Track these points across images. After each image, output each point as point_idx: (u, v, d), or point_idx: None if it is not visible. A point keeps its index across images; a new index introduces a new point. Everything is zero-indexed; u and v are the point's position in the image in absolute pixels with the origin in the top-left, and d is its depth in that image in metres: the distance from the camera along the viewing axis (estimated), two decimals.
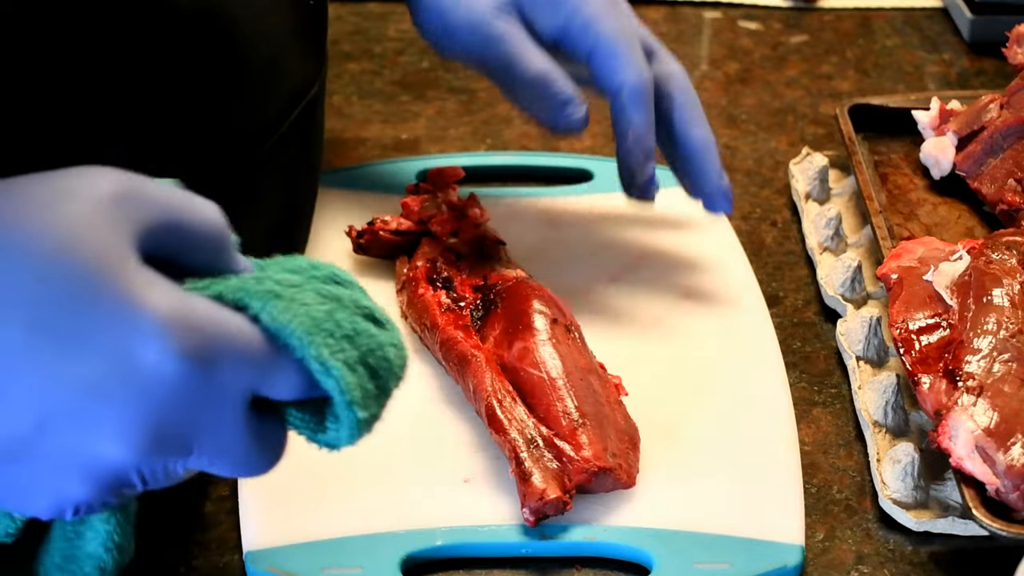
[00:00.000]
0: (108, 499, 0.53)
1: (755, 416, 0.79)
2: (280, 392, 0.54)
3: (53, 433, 0.50)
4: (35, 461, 0.50)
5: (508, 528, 0.72)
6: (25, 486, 0.52)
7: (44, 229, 0.50)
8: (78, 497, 0.52)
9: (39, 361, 0.49)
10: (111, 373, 0.49)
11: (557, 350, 0.76)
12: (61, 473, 0.51)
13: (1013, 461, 0.69)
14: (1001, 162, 0.93)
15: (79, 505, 0.53)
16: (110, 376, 0.49)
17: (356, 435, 0.55)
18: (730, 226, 0.95)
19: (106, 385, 0.49)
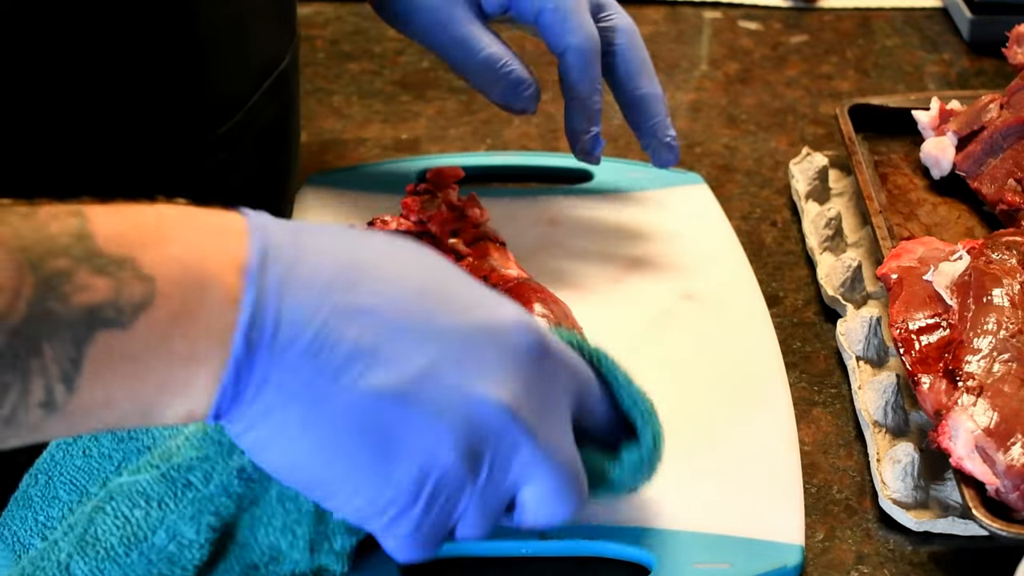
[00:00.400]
0: (462, 475, 0.58)
1: (755, 416, 0.79)
2: (594, 414, 0.64)
3: (440, 372, 0.57)
4: (422, 402, 0.57)
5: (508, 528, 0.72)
6: (403, 435, 0.57)
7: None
8: (445, 456, 0.57)
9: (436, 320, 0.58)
10: (488, 334, 0.59)
11: None
12: (440, 418, 0.57)
13: (1013, 461, 0.69)
14: (1001, 162, 0.93)
15: (443, 473, 0.57)
16: (487, 336, 0.59)
17: (637, 480, 0.65)
18: (730, 226, 0.95)
19: (484, 341, 0.58)
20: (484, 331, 0.59)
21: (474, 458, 0.58)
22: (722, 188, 1.00)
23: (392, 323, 0.57)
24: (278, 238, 0.56)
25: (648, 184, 0.98)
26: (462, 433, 0.58)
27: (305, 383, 0.55)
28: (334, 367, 0.55)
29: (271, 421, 0.56)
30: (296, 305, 0.55)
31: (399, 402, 0.57)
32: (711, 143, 1.06)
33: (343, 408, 0.56)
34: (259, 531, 0.64)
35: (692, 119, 1.10)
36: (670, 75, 1.16)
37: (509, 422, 0.58)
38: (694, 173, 1.00)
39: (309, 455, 0.57)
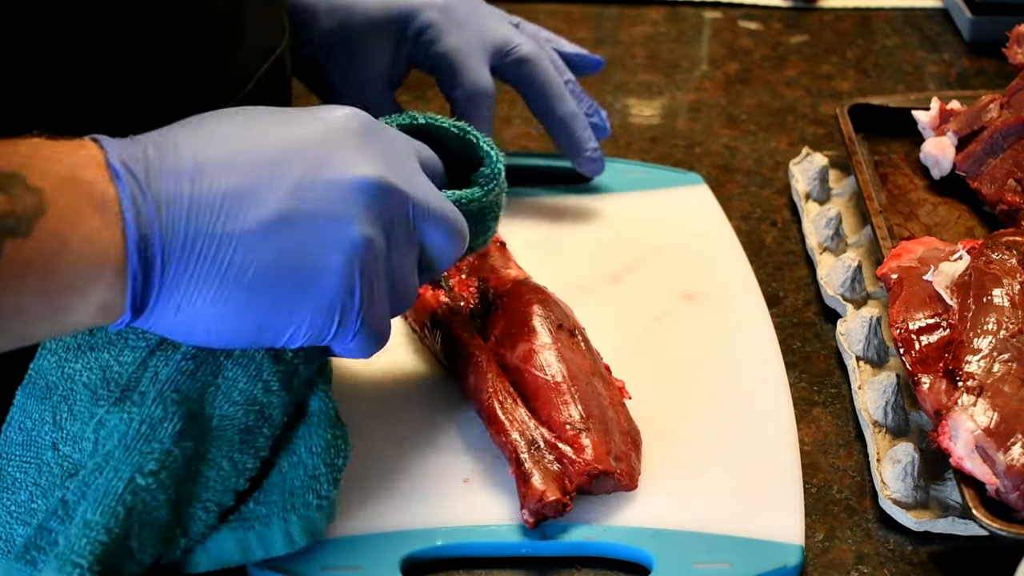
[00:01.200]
0: (377, 246, 0.65)
1: (755, 416, 0.79)
2: (435, 168, 0.74)
3: (312, 179, 0.63)
4: (311, 209, 0.63)
5: (508, 528, 0.72)
6: (312, 242, 0.63)
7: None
8: (356, 240, 0.64)
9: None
10: (332, 132, 0.66)
11: (562, 354, 0.76)
12: (334, 210, 0.63)
13: (1013, 461, 0.69)
14: (1001, 162, 0.93)
15: (362, 254, 0.64)
16: (331, 132, 0.66)
17: (493, 190, 0.75)
18: (730, 226, 0.95)
19: (330, 138, 0.66)
20: (327, 130, 0.66)
21: (379, 229, 0.65)
22: (722, 188, 1.00)
23: (248, 161, 0.63)
24: (124, 143, 0.62)
25: (648, 184, 0.98)
26: (360, 215, 0.64)
27: (205, 243, 0.61)
28: (219, 219, 0.62)
29: (193, 291, 0.62)
30: (162, 180, 0.61)
31: (291, 218, 0.63)
32: (711, 143, 1.06)
33: (249, 251, 0.62)
34: (233, 395, 0.68)
35: (692, 119, 1.10)
36: (670, 75, 1.16)
37: (388, 186, 0.66)
38: (694, 173, 1.00)
39: (242, 307, 0.63)
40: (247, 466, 0.68)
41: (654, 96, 1.13)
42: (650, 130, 1.08)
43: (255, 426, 0.68)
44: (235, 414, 0.68)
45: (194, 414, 0.67)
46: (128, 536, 0.64)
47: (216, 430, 0.67)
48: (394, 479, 0.74)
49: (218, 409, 0.67)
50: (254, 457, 0.68)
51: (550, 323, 0.78)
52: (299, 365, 0.69)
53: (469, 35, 0.91)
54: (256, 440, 0.68)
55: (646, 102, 1.13)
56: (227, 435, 0.67)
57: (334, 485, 0.68)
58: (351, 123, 0.67)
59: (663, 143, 1.06)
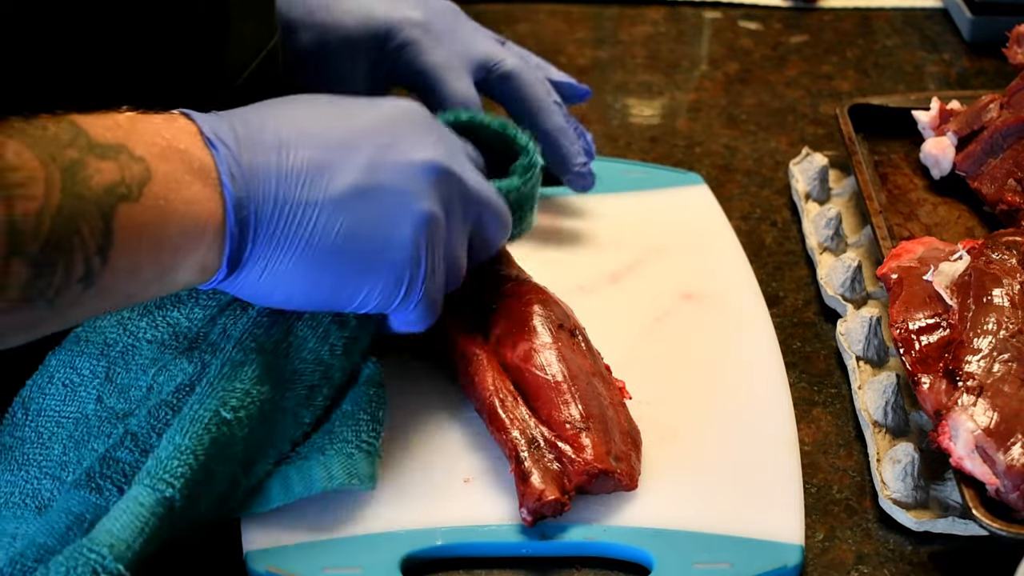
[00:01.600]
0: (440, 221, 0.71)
1: (755, 416, 0.79)
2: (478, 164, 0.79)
3: (384, 157, 0.70)
4: (384, 182, 0.69)
5: (508, 528, 0.72)
6: (384, 215, 0.69)
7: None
8: (421, 216, 0.70)
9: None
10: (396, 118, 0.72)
11: (562, 354, 0.76)
12: (405, 185, 0.70)
13: (1013, 461, 0.69)
14: (1001, 162, 0.93)
15: (428, 228, 0.70)
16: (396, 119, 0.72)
17: (531, 179, 0.82)
18: (730, 226, 0.95)
19: (397, 124, 0.72)
20: (393, 116, 0.72)
21: (441, 207, 0.71)
22: (722, 188, 1.00)
23: (327, 141, 0.69)
24: (212, 118, 0.67)
25: (648, 184, 0.98)
26: (425, 193, 0.70)
27: (291, 210, 0.67)
28: (304, 188, 0.67)
29: (280, 254, 0.67)
30: (252, 152, 0.67)
31: (367, 191, 0.69)
32: (711, 143, 1.06)
33: (330, 218, 0.68)
34: (303, 352, 0.73)
35: (692, 119, 1.10)
36: (670, 75, 1.16)
37: (448, 171, 0.72)
38: (694, 173, 1.00)
39: (322, 271, 0.68)
40: (305, 420, 0.72)
41: (654, 96, 1.13)
42: (650, 130, 1.08)
43: (318, 384, 0.73)
44: (304, 370, 0.72)
45: (271, 363, 0.71)
46: (210, 466, 0.67)
47: (288, 382, 0.72)
48: (394, 479, 0.74)
49: (290, 363, 0.72)
50: (312, 414, 0.72)
51: (551, 323, 0.78)
52: (360, 334, 0.74)
53: (451, 51, 0.91)
54: (316, 398, 0.73)
55: (646, 102, 1.13)
56: (295, 389, 0.72)
57: (375, 435, 0.72)
58: (410, 112, 0.73)
59: (663, 143, 1.06)
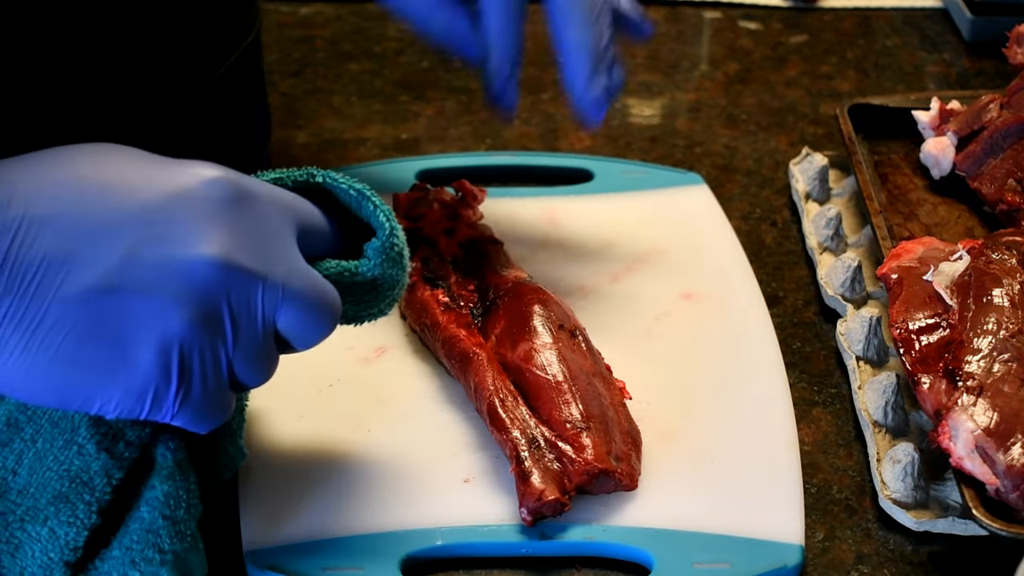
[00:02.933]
0: (205, 337, 0.61)
1: (755, 416, 0.79)
2: (323, 234, 0.68)
3: (142, 252, 0.60)
4: (133, 286, 0.60)
5: (508, 528, 0.72)
6: (128, 321, 0.60)
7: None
8: (177, 325, 0.60)
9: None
10: (178, 200, 0.62)
11: (563, 354, 0.76)
12: (158, 293, 0.60)
13: (1013, 461, 0.69)
14: (1001, 162, 0.93)
15: (182, 341, 0.60)
16: (177, 202, 0.62)
17: (384, 266, 0.69)
18: (730, 226, 0.95)
19: (176, 208, 0.61)
20: (174, 199, 0.62)
21: (211, 313, 0.61)
22: (722, 188, 1.00)
23: (78, 225, 0.60)
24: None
25: (648, 184, 0.98)
26: (187, 298, 0.61)
27: (13, 306, 0.59)
28: (34, 284, 0.59)
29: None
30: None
31: (110, 293, 0.60)
32: (711, 143, 1.06)
33: (58, 320, 0.59)
34: (47, 460, 0.65)
35: (692, 119, 1.10)
36: (670, 75, 1.16)
37: (230, 271, 0.61)
38: (694, 173, 1.00)
39: (47, 373, 0.60)
40: (69, 537, 0.64)
41: (654, 96, 1.13)
42: (650, 130, 1.08)
43: (72, 493, 0.64)
44: (48, 481, 0.65)
45: (6, 481, 0.64)
46: None
47: (29, 499, 0.64)
48: (394, 479, 0.74)
49: (33, 475, 0.65)
50: (77, 528, 0.64)
51: (551, 323, 0.78)
52: (124, 427, 0.65)
53: None
54: (77, 510, 0.64)
55: (646, 102, 1.13)
56: (41, 503, 0.64)
57: (179, 539, 0.65)
58: (211, 191, 0.63)
59: (663, 143, 1.06)
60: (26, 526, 0.64)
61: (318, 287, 0.66)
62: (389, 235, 0.69)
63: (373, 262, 0.68)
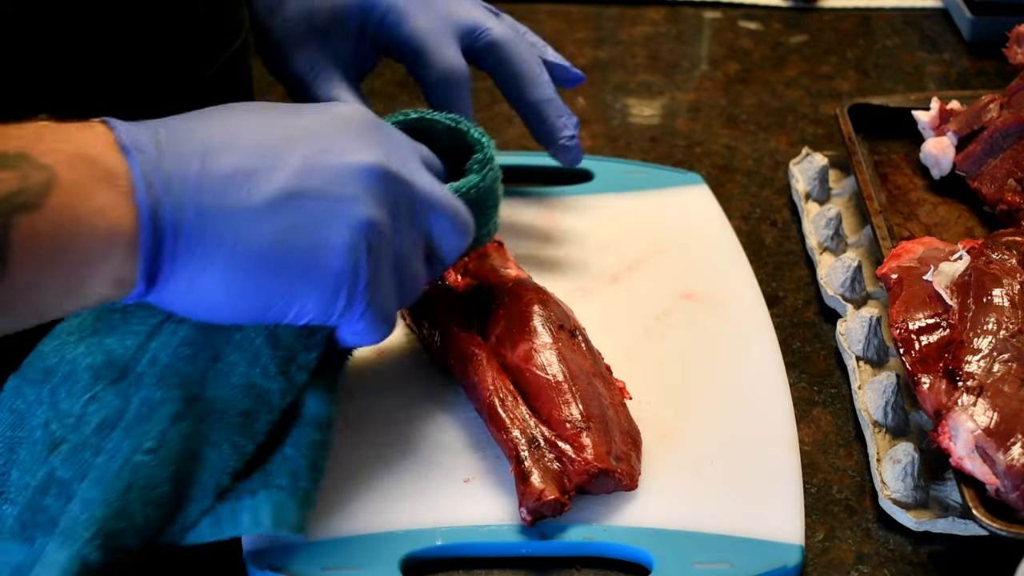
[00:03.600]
0: (383, 226, 0.66)
1: (755, 416, 0.79)
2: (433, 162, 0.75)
3: (316, 161, 0.66)
4: (316, 186, 0.65)
5: (508, 528, 0.72)
6: (314, 222, 0.65)
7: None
8: (357, 221, 0.65)
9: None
10: (334, 122, 0.69)
11: (563, 354, 0.76)
12: (339, 188, 0.66)
13: (1013, 461, 0.69)
14: (1001, 162, 0.93)
15: (365, 235, 0.66)
16: (333, 123, 0.69)
17: (490, 175, 0.77)
18: (730, 226, 0.95)
19: (334, 127, 0.68)
20: (326, 122, 0.68)
21: (383, 212, 0.67)
22: (722, 188, 1.00)
23: (252, 144, 0.65)
24: (134, 125, 0.64)
25: (648, 184, 0.98)
26: (361, 196, 0.66)
27: (213, 218, 0.63)
28: (227, 195, 0.64)
29: (203, 265, 0.63)
30: (173, 158, 0.63)
31: (296, 196, 0.65)
32: (711, 143, 1.06)
33: (255, 226, 0.64)
34: (232, 379, 0.69)
35: (692, 119, 1.10)
36: (670, 75, 1.16)
37: (392, 174, 0.68)
38: (694, 173, 1.00)
39: (250, 281, 0.64)
40: (246, 449, 0.69)
41: (654, 96, 1.13)
42: (650, 130, 1.08)
43: (254, 410, 0.69)
44: (235, 397, 0.69)
45: (194, 397, 0.69)
46: (130, 512, 0.66)
47: (217, 412, 0.69)
48: (394, 479, 0.74)
49: (220, 392, 0.69)
50: (252, 441, 0.69)
51: (551, 323, 0.78)
52: (297, 352, 0.70)
53: (436, 16, 0.88)
54: (255, 424, 0.69)
55: (646, 102, 1.13)
56: (227, 417, 0.69)
57: (312, 483, 0.69)
58: (354, 115, 0.70)
59: (663, 143, 1.06)
60: (210, 437, 0.68)
61: (454, 198, 0.73)
62: (487, 147, 0.77)
63: (480, 175, 0.76)
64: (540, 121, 0.89)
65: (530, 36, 0.94)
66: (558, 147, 0.90)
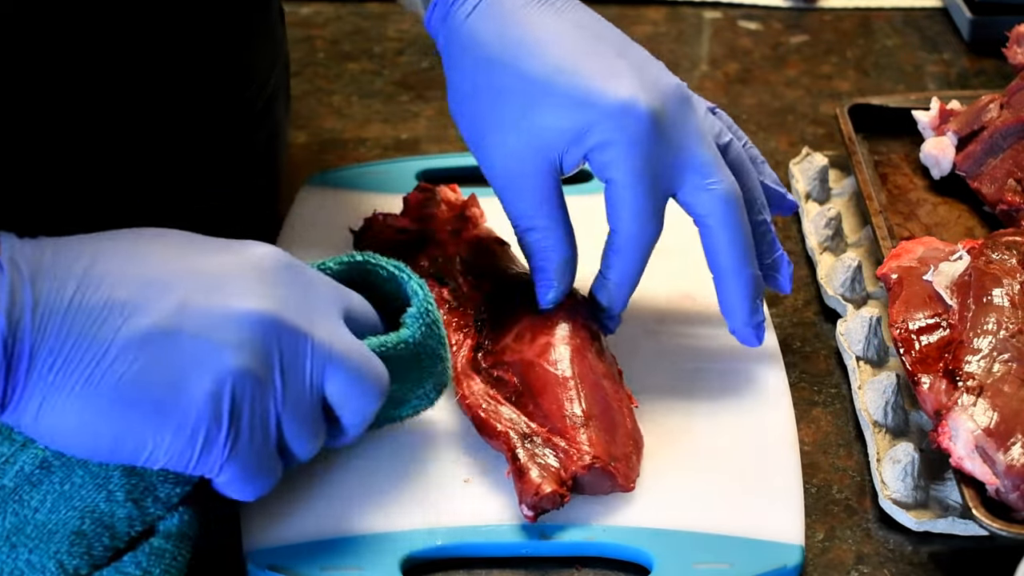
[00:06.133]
0: (255, 381, 0.63)
1: (755, 416, 0.79)
2: (366, 316, 0.71)
3: (197, 302, 0.63)
4: (188, 329, 0.63)
5: (508, 528, 0.72)
6: (183, 364, 0.62)
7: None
8: (229, 369, 0.62)
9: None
10: (238, 264, 0.66)
11: (578, 351, 0.76)
12: (212, 336, 0.63)
13: (1013, 461, 0.69)
14: (1001, 162, 0.93)
15: (234, 384, 0.63)
16: (237, 265, 0.66)
17: (422, 329, 0.71)
18: None
19: (234, 270, 0.65)
20: (227, 262, 0.66)
21: (261, 364, 0.64)
22: None
23: (138, 278, 0.63)
24: (26, 243, 0.63)
25: None
26: (238, 343, 0.63)
27: (75, 347, 0.62)
28: (95, 326, 0.62)
29: (55, 393, 0.62)
30: (48, 281, 0.62)
31: (167, 336, 0.63)
32: None
33: (117, 360, 0.62)
34: (74, 499, 0.66)
35: None
36: None
37: (281, 324, 0.64)
38: None
39: (102, 415, 0.62)
40: (80, 572, 0.65)
41: None
42: None
43: (92, 533, 0.66)
44: (70, 518, 0.66)
45: (26, 520, 0.66)
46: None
47: (47, 532, 0.65)
48: (394, 479, 0.74)
49: (55, 515, 0.66)
50: (88, 564, 0.66)
51: (575, 321, 0.78)
52: (158, 484, 0.67)
53: (657, 159, 0.76)
54: (92, 548, 0.66)
55: None
56: (55, 537, 0.65)
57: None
58: (264, 259, 0.67)
59: None
60: (32, 557, 0.65)
61: (364, 354, 0.68)
62: (423, 300, 0.72)
63: (411, 329, 0.71)
64: (727, 297, 0.79)
65: (752, 150, 0.83)
66: (741, 327, 0.79)
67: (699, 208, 0.78)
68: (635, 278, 0.78)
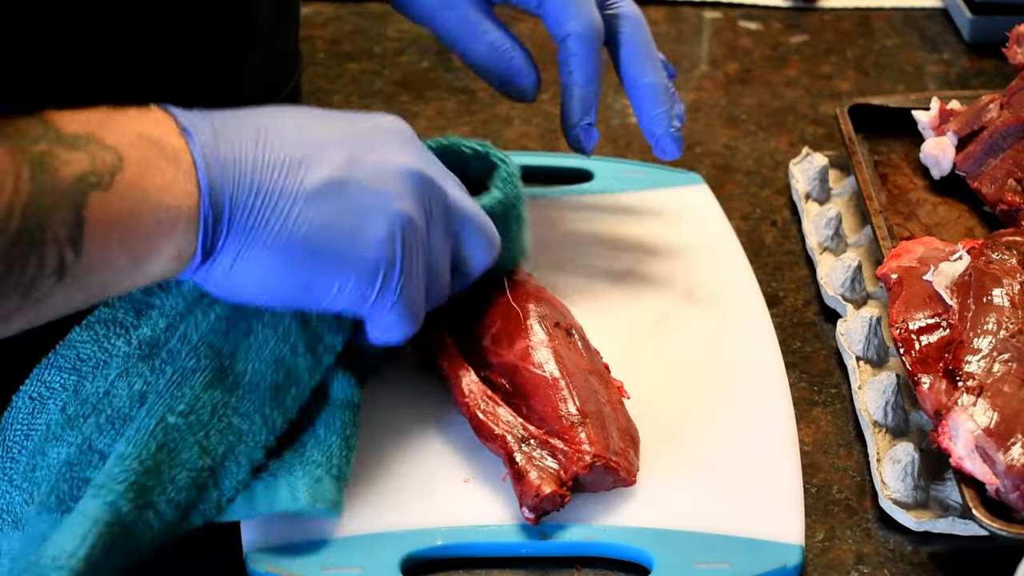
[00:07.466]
0: (419, 223, 0.70)
1: (755, 416, 0.79)
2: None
3: (362, 157, 0.69)
4: (361, 179, 0.68)
5: (508, 528, 0.72)
6: (359, 210, 0.68)
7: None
8: (398, 214, 0.68)
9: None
10: (380, 128, 0.72)
11: (559, 351, 0.76)
12: (382, 184, 0.69)
13: (1013, 461, 0.69)
14: (1001, 162, 0.93)
15: (403, 227, 0.69)
16: (379, 129, 0.72)
17: (512, 190, 0.80)
18: (730, 226, 0.95)
19: (379, 132, 0.72)
20: (376, 127, 0.72)
21: (419, 213, 0.70)
22: (722, 188, 1.00)
23: (306, 138, 0.69)
24: (192, 112, 0.67)
25: (648, 184, 0.98)
26: (401, 193, 0.69)
27: (265, 200, 0.66)
28: (281, 179, 0.67)
29: (252, 243, 0.66)
30: (232, 142, 0.66)
31: (342, 186, 0.68)
32: (711, 143, 1.06)
33: (304, 210, 0.67)
34: (263, 353, 0.72)
35: (692, 119, 1.10)
36: None
37: (431, 180, 0.71)
38: (694, 173, 1.00)
39: (294, 262, 0.67)
40: (276, 423, 0.71)
41: None
42: None
43: (284, 384, 0.72)
44: (265, 371, 0.71)
45: (226, 368, 0.71)
46: (160, 472, 0.67)
47: (248, 385, 0.71)
48: (394, 479, 0.74)
49: (250, 365, 0.72)
50: (283, 416, 0.71)
51: (547, 321, 0.78)
52: (324, 334, 0.73)
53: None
54: (285, 399, 0.72)
55: None
56: (259, 391, 0.71)
57: (345, 461, 0.71)
58: (396, 127, 0.73)
59: None
60: (241, 407, 0.71)
61: (483, 213, 0.75)
62: (509, 165, 0.80)
63: (503, 190, 0.79)
64: (650, 106, 0.87)
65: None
66: (664, 135, 0.87)
67: (613, 24, 0.87)
68: (596, 76, 0.86)
